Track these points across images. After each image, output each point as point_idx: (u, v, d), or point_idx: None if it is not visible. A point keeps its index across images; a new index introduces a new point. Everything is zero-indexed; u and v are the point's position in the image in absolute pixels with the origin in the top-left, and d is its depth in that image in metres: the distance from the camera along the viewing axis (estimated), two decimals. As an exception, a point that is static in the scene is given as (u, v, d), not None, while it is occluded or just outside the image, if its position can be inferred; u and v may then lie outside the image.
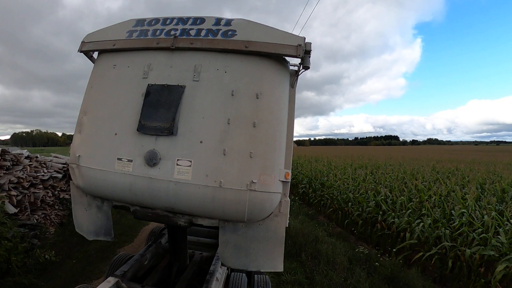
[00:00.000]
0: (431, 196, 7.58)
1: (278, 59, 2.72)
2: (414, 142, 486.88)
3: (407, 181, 10.13)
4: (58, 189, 7.95)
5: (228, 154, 2.47)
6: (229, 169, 2.46)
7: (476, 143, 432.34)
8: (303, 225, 8.09)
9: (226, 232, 2.67)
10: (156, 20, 2.94)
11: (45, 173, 7.45)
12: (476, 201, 6.88)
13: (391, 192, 8.49)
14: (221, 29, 2.71)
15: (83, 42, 3.08)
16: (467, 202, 6.67)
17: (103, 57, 3.06)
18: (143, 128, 2.59)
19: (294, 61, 2.80)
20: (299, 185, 14.19)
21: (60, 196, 7.98)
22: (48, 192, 7.45)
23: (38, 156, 7.60)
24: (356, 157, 26.47)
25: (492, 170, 15.51)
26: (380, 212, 7.49)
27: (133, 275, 3.44)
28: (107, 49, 2.99)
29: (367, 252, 6.40)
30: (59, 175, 7.99)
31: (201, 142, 2.52)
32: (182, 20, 2.87)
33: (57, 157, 9.12)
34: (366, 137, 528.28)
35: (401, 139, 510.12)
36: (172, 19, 2.90)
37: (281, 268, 2.66)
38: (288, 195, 2.69)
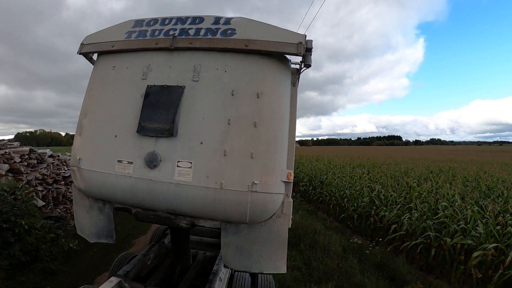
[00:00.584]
0: (421, 193, 8.07)
1: (279, 58, 2.66)
2: (417, 142, 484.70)
3: (400, 179, 10.66)
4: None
5: (229, 155, 2.43)
6: (230, 170, 2.42)
7: (479, 144, 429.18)
8: (303, 219, 8.62)
9: (228, 234, 2.63)
10: (155, 21, 2.89)
11: (66, 170, 8.07)
12: (463, 198, 7.39)
13: (384, 188, 9.01)
14: (221, 28, 2.66)
15: (82, 44, 3.04)
16: (453, 198, 7.18)
17: (102, 59, 3.03)
18: (143, 130, 2.56)
19: (296, 59, 2.74)
20: (300, 183, 14.73)
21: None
22: (69, 188, 8.06)
23: (60, 155, 8.22)
24: (356, 157, 27.01)
25: (484, 170, 15.99)
26: (374, 207, 8.00)
27: (136, 275, 3.41)
28: (106, 51, 2.95)
29: (360, 243, 6.95)
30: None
31: (202, 143, 2.48)
32: (181, 20, 2.82)
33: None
34: (369, 137, 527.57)
35: (404, 139, 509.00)
36: (171, 19, 2.85)
37: (284, 270, 2.61)
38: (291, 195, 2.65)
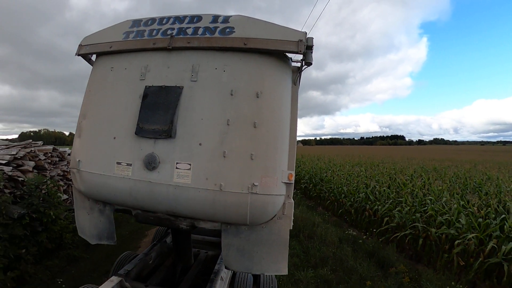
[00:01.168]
0: (413, 190, 8.52)
1: (279, 56, 2.59)
2: (420, 142, 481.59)
3: (394, 176, 11.14)
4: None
5: (228, 156, 2.38)
6: (230, 172, 2.37)
7: (483, 143, 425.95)
8: (303, 214, 9.12)
9: (229, 235, 2.58)
10: (152, 20, 2.84)
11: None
12: (452, 194, 7.88)
13: (378, 184, 9.52)
14: (219, 27, 2.60)
15: (81, 45, 2.99)
16: (441, 193, 7.68)
17: (101, 60, 2.98)
18: (141, 131, 2.52)
19: (297, 57, 2.67)
20: (301, 181, 15.22)
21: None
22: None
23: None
24: (356, 156, 27.49)
25: (477, 169, 16.44)
26: (369, 202, 8.49)
27: (137, 274, 3.37)
28: (104, 52, 2.90)
29: (355, 234, 7.47)
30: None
31: (200, 145, 2.43)
32: (179, 19, 2.76)
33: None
34: (372, 137, 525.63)
35: (407, 139, 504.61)
36: (169, 18, 2.80)
37: (286, 272, 2.56)
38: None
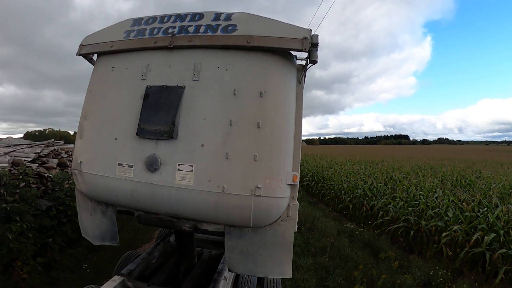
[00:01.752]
0: (408, 186, 8.97)
1: (283, 54, 2.50)
2: (425, 142, 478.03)
3: (392, 174, 11.63)
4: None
5: (231, 158, 2.31)
6: (232, 174, 2.31)
7: (487, 143, 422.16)
8: (305, 209, 9.62)
9: (232, 238, 2.53)
10: (153, 19, 2.76)
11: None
12: (443, 190, 8.34)
13: (375, 181, 10.01)
14: (221, 24, 2.51)
15: (81, 45, 2.93)
16: (434, 190, 8.15)
17: (102, 60, 2.93)
18: (143, 132, 2.48)
19: (302, 55, 2.57)
20: (304, 178, 15.73)
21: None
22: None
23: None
24: (358, 155, 27.95)
25: (471, 167, 16.90)
26: (366, 198, 8.97)
27: (140, 274, 3.34)
28: (105, 51, 2.85)
29: (352, 227, 7.96)
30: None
31: (203, 146, 2.37)
32: (180, 17, 2.68)
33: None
34: (376, 136, 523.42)
35: (412, 139, 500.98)
36: (170, 16, 2.72)
37: (290, 275, 2.51)
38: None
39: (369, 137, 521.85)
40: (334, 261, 5.76)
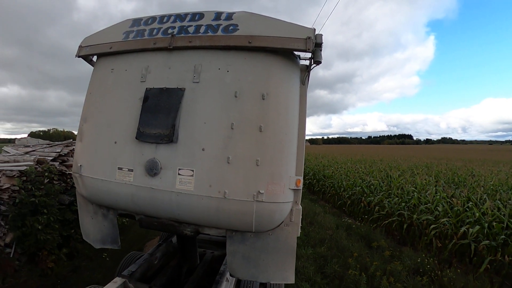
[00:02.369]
0: (403, 183, 9.43)
1: (286, 54, 2.41)
2: (428, 141, 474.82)
3: (389, 172, 12.10)
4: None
5: (233, 162, 2.24)
6: (234, 179, 2.24)
7: (491, 143, 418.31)
8: (306, 206, 10.09)
9: (234, 242, 2.47)
10: (153, 19, 2.68)
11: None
12: (436, 187, 8.76)
13: (373, 179, 10.48)
14: (222, 24, 2.43)
15: (81, 47, 2.86)
16: (426, 186, 8.61)
17: (101, 61, 2.86)
18: (142, 136, 2.41)
19: (306, 55, 2.48)
20: (306, 177, 16.11)
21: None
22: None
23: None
24: (359, 155, 28.40)
25: (467, 166, 17.29)
26: (364, 194, 9.43)
27: (142, 275, 3.29)
28: (105, 53, 2.78)
29: (350, 221, 8.43)
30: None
31: (203, 150, 2.30)
32: (180, 17, 2.60)
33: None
34: (380, 136, 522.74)
35: (415, 138, 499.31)
36: (169, 17, 2.64)
37: (293, 280, 2.46)
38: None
39: (373, 137, 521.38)
40: (332, 251, 6.22)
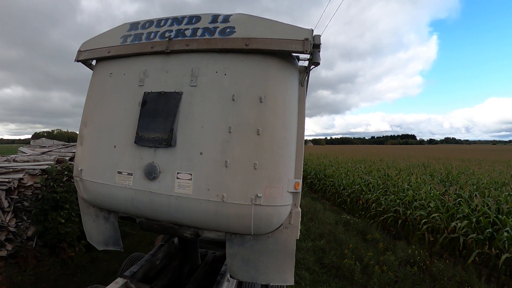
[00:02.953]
0: (399, 181, 9.84)
1: (284, 56, 2.39)
2: (432, 141, 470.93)
3: (387, 171, 12.52)
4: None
5: (230, 166, 2.24)
6: (232, 182, 2.24)
7: (494, 143, 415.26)
8: (307, 203, 10.54)
9: (234, 245, 2.49)
10: (150, 22, 2.68)
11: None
12: (429, 184, 9.17)
13: (371, 177, 10.90)
14: (219, 27, 2.42)
15: (79, 51, 2.86)
16: (420, 184, 9.02)
17: (100, 66, 2.86)
18: (141, 140, 2.42)
19: (305, 56, 2.44)
20: (308, 176, 16.67)
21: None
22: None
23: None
24: (360, 155, 28.81)
25: (463, 165, 17.63)
26: (362, 192, 9.86)
27: (144, 276, 3.31)
28: (103, 57, 2.78)
29: (349, 218, 8.87)
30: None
31: (201, 154, 2.30)
32: (177, 20, 2.59)
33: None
34: (383, 136, 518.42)
35: (418, 138, 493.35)
36: (167, 20, 2.63)
37: (292, 282, 2.48)
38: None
39: (376, 137, 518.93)
40: (330, 245, 6.65)
